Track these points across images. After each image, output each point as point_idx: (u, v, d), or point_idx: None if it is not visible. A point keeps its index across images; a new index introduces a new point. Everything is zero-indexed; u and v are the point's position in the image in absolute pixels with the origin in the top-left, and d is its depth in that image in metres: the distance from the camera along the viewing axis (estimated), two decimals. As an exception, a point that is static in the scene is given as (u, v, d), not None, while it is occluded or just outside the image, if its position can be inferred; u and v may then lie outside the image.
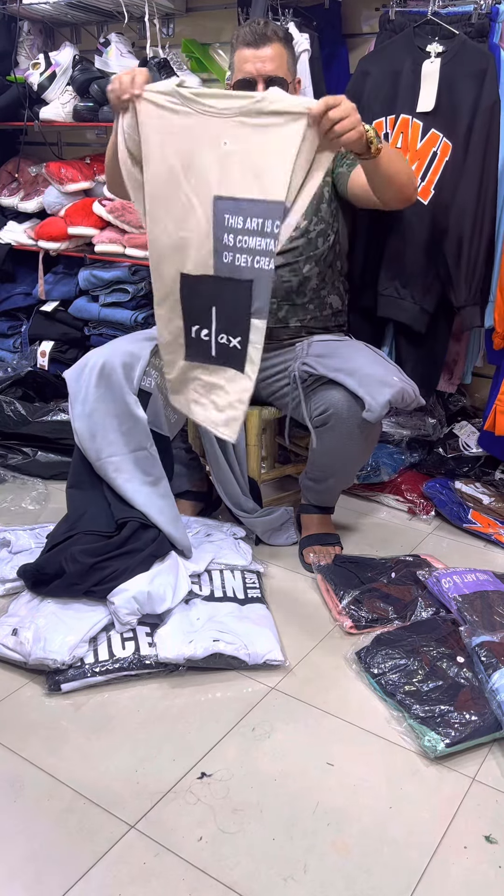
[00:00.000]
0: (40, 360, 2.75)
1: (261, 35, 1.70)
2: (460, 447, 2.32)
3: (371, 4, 2.25)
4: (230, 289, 1.53)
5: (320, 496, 1.94)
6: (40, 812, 1.21)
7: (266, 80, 1.70)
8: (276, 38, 1.71)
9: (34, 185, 2.83)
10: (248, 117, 1.41)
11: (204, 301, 1.57)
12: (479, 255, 1.97)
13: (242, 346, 1.56)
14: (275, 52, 1.71)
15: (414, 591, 1.72)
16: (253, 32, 1.71)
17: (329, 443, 1.75)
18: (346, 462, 1.81)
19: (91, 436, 1.72)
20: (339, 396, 1.69)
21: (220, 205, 1.47)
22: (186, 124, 1.46)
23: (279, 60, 1.72)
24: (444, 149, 1.96)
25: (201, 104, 1.44)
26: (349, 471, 1.88)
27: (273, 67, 1.71)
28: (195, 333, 1.61)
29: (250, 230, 1.47)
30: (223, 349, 1.59)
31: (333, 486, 1.90)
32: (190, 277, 1.56)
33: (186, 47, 2.50)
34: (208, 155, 1.46)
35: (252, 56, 1.71)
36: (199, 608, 1.63)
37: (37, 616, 1.55)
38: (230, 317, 1.56)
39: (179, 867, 1.12)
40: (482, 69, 1.86)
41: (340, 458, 1.78)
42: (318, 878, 1.11)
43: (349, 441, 1.73)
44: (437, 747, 1.30)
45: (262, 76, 1.70)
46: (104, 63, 2.52)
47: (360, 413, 1.66)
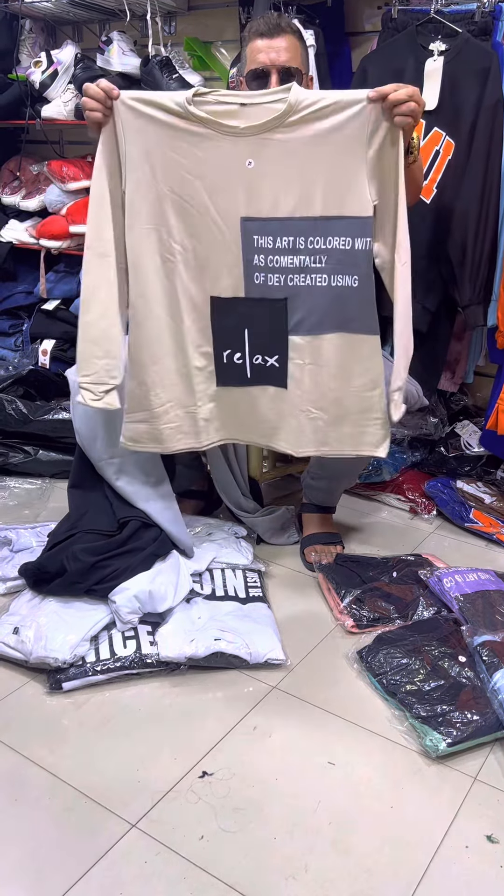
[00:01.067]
0: (42, 358, 2.75)
1: (275, 26, 1.68)
2: (462, 446, 2.32)
3: (374, 3, 2.25)
4: (262, 309, 1.53)
5: (322, 496, 1.94)
6: (41, 811, 1.21)
7: (280, 70, 1.67)
8: (289, 30, 1.70)
9: (36, 183, 2.83)
10: (275, 132, 1.41)
11: (236, 323, 1.56)
12: (484, 254, 1.97)
13: (281, 363, 1.57)
14: (289, 43, 1.69)
15: (415, 590, 1.72)
16: (267, 23, 1.69)
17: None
18: (350, 464, 1.81)
19: (92, 436, 1.72)
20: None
21: (247, 226, 1.47)
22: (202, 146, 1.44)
23: (293, 51, 1.69)
24: (446, 147, 1.96)
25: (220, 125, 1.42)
26: (352, 472, 1.88)
27: (287, 57, 1.68)
28: (227, 358, 1.60)
29: (281, 249, 1.48)
30: (259, 369, 1.59)
31: (336, 486, 1.90)
32: (219, 300, 1.55)
33: (188, 46, 2.50)
34: (232, 176, 1.45)
35: (266, 46, 1.68)
36: (200, 607, 1.63)
37: (38, 615, 1.55)
38: (264, 337, 1.56)
39: (180, 866, 1.12)
40: (485, 67, 1.86)
41: (344, 459, 1.78)
42: (319, 878, 1.11)
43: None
44: (438, 747, 1.30)
45: (275, 66, 1.67)
46: (106, 61, 2.51)
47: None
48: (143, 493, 1.73)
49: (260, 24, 1.70)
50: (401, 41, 1.98)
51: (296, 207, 1.46)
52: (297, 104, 1.40)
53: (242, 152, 1.43)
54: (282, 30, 1.68)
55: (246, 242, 1.49)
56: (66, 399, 2.46)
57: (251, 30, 1.73)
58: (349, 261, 1.48)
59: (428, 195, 2.01)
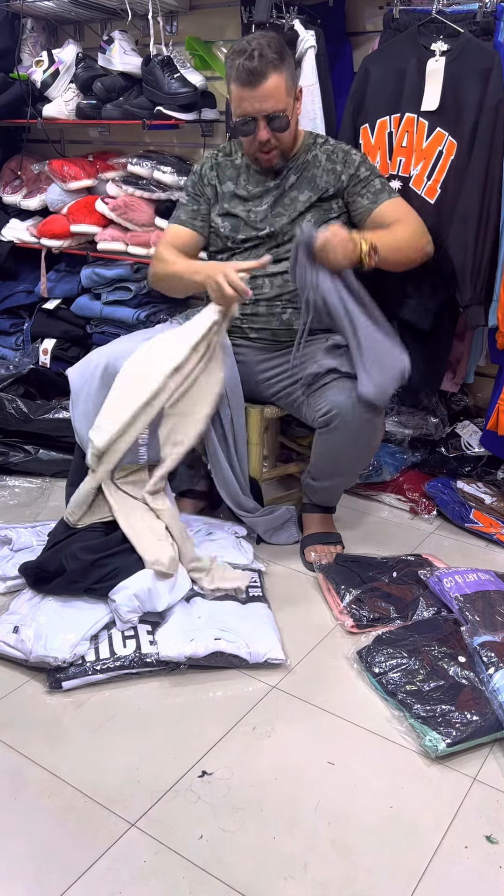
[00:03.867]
0: (42, 357, 2.75)
1: (255, 73, 1.65)
2: (462, 447, 2.31)
3: (375, 3, 2.24)
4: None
5: (322, 496, 1.94)
6: (41, 810, 1.21)
7: (266, 117, 1.71)
8: (271, 68, 1.66)
9: (37, 182, 2.83)
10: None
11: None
12: (485, 254, 1.97)
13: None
14: (271, 86, 1.68)
15: (415, 590, 1.72)
16: (247, 71, 1.66)
17: (333, 444, 1.75)
18: (350, 463, 1.81)
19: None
20: (342, 398, 1.68)
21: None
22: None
23: (277, 93, 1.69)
24: (449, 147, 1.96)
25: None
26: (352, 471, 1.88)
27: (272, 104, 1.70)
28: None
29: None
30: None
31: (336, 486, 1.90)
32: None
33: (190, 45, 2.49)
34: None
35: (249, 96, 1.69)
36: (200, 606, 1.63)
37: (38, 614, 1.55)
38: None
39: (180, 865, 1.12)
40: (487, 67, 1.86)
41: (344, 459, 1.78)
42: (319, 878, 1.11)
43: (353, 443, 1.72)
44: (437, 747, 1.30)
45: (261, 114, 1.71)
46: (107, 61, 2.51)
47: (363, 414, 1.66)
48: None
49: (240, 71, 1.66)
50: (402, 41, 1.98)
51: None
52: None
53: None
54: (262, 75, 1.66)
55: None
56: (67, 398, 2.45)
57: (232, 71, 1.69)
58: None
59: (432, 196, 2.01)
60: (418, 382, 2.22)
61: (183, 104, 2.35)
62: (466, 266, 1.97)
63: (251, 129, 1.74)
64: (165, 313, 2.56)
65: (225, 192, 1.90)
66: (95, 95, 2.51)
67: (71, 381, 1.77)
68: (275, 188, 1.86)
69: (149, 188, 2.49)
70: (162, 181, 2.46)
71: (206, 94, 2.44)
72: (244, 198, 1.88)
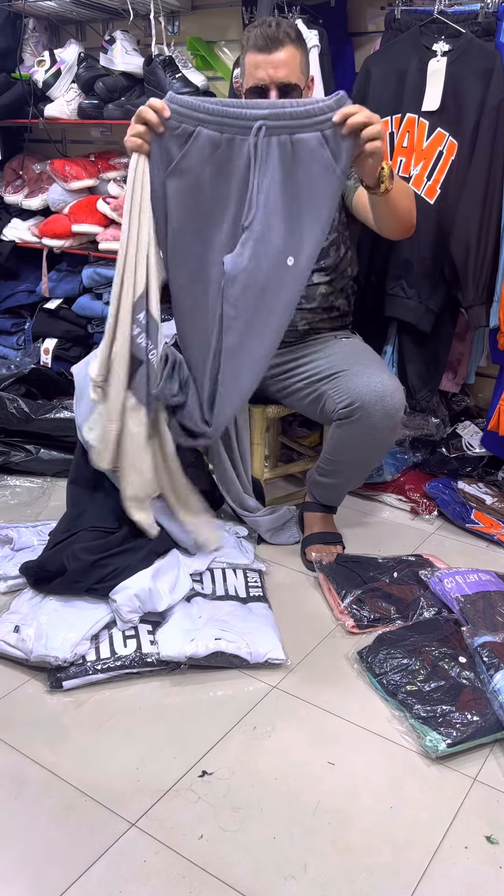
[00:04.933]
0: (44, 357, 2.75)
1: (272, 39, 1.64)
2: (463, 447, 2.32)
3: (377, 3, 2.25)
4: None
5: (327, 493, 1.93)
6: (41, 809, 1.21)
7: (279, 86, 1.67)
8: (288, 39, 1.65)
9: (38, 182, 2.83)
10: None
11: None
12: (487, 254, 1.97)
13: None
14: (287, 56, 1.65)
15: (416, 590, 1.72)
16: (264, 36, 1.64)
17: (352, 436, 1.73)
18: (366, 456, 1.79)
19: None
20: (366, 389, 1.67)
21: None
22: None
23: (292, 64, 1.66)
24: (449, 148, 1.96)
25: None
26: (364, 466, 1.85)
27: (286, 73, 1.66)
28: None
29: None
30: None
31: (343, 483, 1.89)
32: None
33: (192, 45, 2.50)
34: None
35: (264, 61, 1.65)
36: (200, 606, 1.63)
37: (39, 613, 1.55)
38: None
39: (180, 865, 1.12)
40: (489, 68, 1.86)
41: (361, 452, 1.76)
42: (319, 878, 1.11)
43: (371, 435, 1.71)
44: (438, 747, 1.30)
45: (274, 83, 1.67)
46: (109, 60, 2.51)
47: (388, 404, 1.66)
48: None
49: (257, 36, 1.66)
50: (404, 42, 1.98)
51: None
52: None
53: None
54: (279, 42, 1.64)
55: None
56: (68, 398, 2.46)
57: (248, 40, 1.68)
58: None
59: (432, 196, 2.01)
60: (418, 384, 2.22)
61: (184, 104, 2.35)
62: (469, 266, 1.97)
63: (262, 98, 1.66)
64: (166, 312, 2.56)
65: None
66: (97, 95, 2.52)
67: (75, 378, 1.78)
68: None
69: (150, 188, 2.49)
70: (163, 181, 2.46)
71: (207, 94, 2.44)
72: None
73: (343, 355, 1.80)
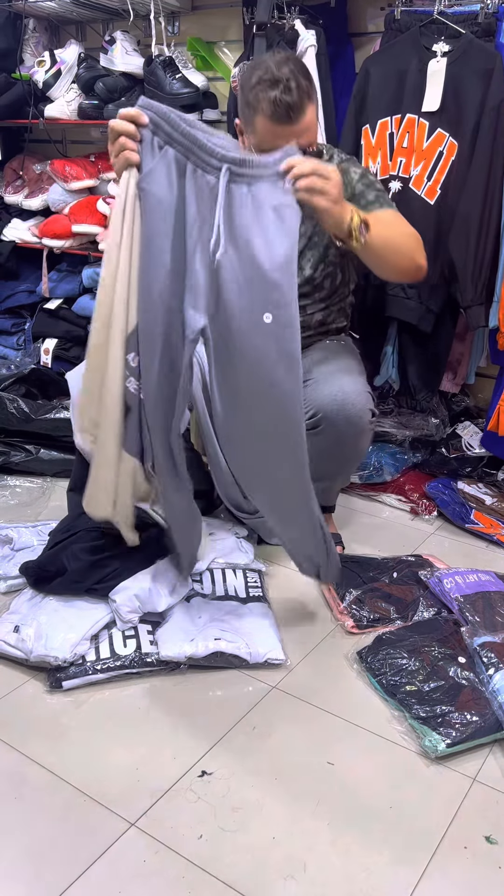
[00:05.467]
0: (44, 357, 2.75)
1: (293, 108, 1.48)
2: (463, 447, 2.32)
3: (377, 4, 2.25)
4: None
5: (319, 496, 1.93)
6: (41, 809, 1.21)
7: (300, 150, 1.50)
8: (306, 99, 1.49)
9: (38, 182, 2.83)
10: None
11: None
12: (487, 255, 1.97)
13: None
14: (308, 120, 1.52)
15: (416, 591, 1.72)
16: (285, 106, 1.47)
17: (320, 446, 1.74)
18: (341, 465, 1.80)
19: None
20: (326, 399, 1.66)
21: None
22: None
23: (311, 125, 1.54)
24: (450, 148, 1.96)
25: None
26: (345, 472, 1.86)
27: (307, 138, 1.54)
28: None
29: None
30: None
31: (329, 487, 1.89)
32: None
33: (192, 45, 2.50)
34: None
35: (284, 133, 1.50)
36: (200, 606, 1.63)
37: (38, 613, 1.55)
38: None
39: (179, 865, 1.12)
40: (489, 68, 1.86)
41: (334, 461, 1.77)
42: (318, 878, 1.11)
43: (341, 445, 1.71)
44: (437, 747, 1.30)
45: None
46: (109, 61, 2.52)
47: (350, 412, 1.65)
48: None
49: (276, 103, 1.46)
50: (404, 42, 1.98)
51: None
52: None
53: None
54: (300, 110, 1.48)
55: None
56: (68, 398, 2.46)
57: (261, 105, 1.48)
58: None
59: (432, 196, 2.01)
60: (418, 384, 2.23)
61: (185, 104, 2.35)
62: (468, 267, 1.97)
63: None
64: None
65: None
66: (97, 95, 2.52)
67: (70, 386, 1.76)
68: None
69: (150, 188, 2.49)
70: (163, 181, 2.46)
71: (207, 94, 2.44)
72: None
73: (315, 361, 1.77)
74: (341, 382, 1.68)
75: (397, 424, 2.37)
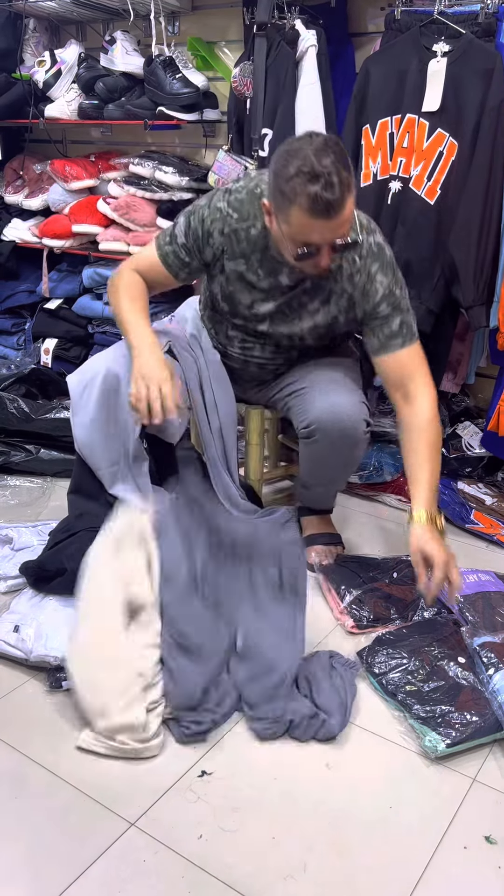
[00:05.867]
0: (44, 357, 2.75)
1: (334, 205, 1.37)
2: (463, 447, 2.32)
3: (377, 3, 2.25)
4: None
5: (315, 500, 1.94)
6: (41, 808, 1.21)
7: (333, 245, 1.46)
8: (347, 193, 1.39)
9: (39, 182, 2.84)
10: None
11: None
12: (487, 255, 1.96)
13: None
14: (347, 214, 1.42)
15: (416, 591, 1.72)
16: (325, 203, 1.36)
17: (316, 455, 1.74)
18: (336, 472, 1.80)
19: (91, 445, 1.71)
20: (322, 411, 1.65)
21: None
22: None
23: (349, 217, 1.44)
24: (450, 148, 1.96)
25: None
26: (339, 479, 1.86)
27: (343, 231, 1.45)
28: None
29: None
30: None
31: (326, 491, 1.90)
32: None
33: (192, 45, 2.50)
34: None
35: (322, 227, 1.41)
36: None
37: (38, 613, 1.55)
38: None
39: (179, 865, 1.12)
40: (489, 68, 1.86)
41: (329, 469, 1.77)
42: (318, 878, 1.11)
43: (335, 454, 1.71)
44: (437, 747, 1.30)
45: (330, 244, 1.46)
46: (109, 61, 2.52)
47: (345, 424, 1.64)
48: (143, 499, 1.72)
49: (315, 198, 1.35)
50: (404, 42, 1.98)
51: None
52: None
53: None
54: (341, 206, 1.38)
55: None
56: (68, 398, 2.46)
57: (302, 199, 1.36)
58: None
59: (432, 196, 2.01)
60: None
61: (185, 104, 2.36)
62: (469, 267, 1.97)
63: (313, 256, 1.47)
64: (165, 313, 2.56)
65: (231, 270, 1.66)
66: (97, 95, 2.52)
67: (70, 390, 1.76)
68: (288, 288, 1.65)
69: (150, 188, 2.50)
70: (164, 181, 2.47)
71: (207, 94, 2.44)
72: (251, 285, 1.66)
73: (312, 368, 1.77)
74: (338, 396, 1.67)
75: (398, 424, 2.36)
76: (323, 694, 1.40)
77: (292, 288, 1.65)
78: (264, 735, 1.35)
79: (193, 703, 1.36)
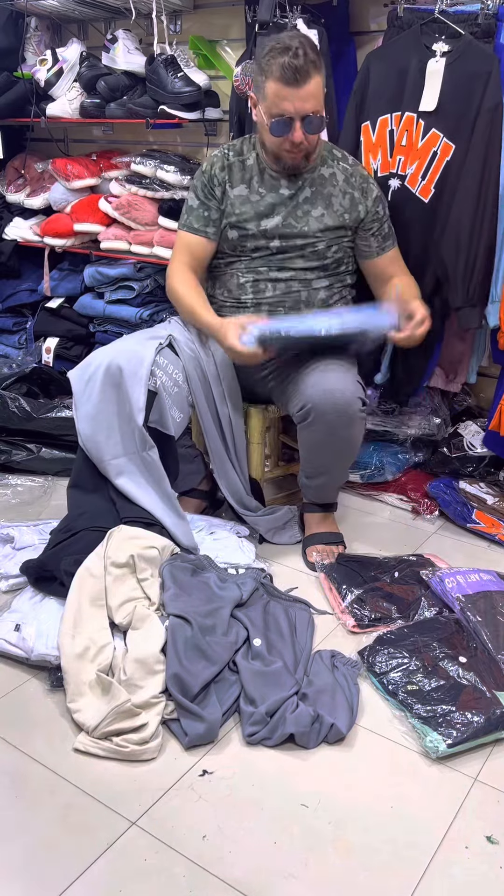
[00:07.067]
0: (45, 356, 2.75)
1: (300, 71, 1.62)
2: (465, 447, 2.31)
3: (378, 2, 2.24)
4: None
5: (318, 493, 1.94)
6: (42, 808, 1.21)
7: (303, 118, 1.67)
8: (313, 69, 1.63)
9: (40, 181, 2.83)
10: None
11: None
12: (478, 257, 1.95)
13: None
14: (314, 86, 1.65)
15: (417, 590, 1.72)
16: (292, 69, 1.61)
17: (313, 438, 1.75)
18: (336, 456, 1.81)
19: (94, 437, 1.72)
20: (315, 390, 1.69)
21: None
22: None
23: (317, 94, 1.66)
24: (444, 149, 1.95)
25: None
26: (341, 465, 1.86)
27: (312, 105, 1.66)
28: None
29: None
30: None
31: (328, 482, 1.90)
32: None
33: (194, 44, 2.49)
34: None
35: (290, 95, 1.64)
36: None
37: (39, 612, 1.55)
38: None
39: (180, 864, 1.12)
40: (486, 71, 1.85)
41: (329, 452, 1.78)
42: (319, 877, 1.11)
43: (333, 435, 1.73)
44: (438, 747, 1.30)
45: (299, 115, 1.67)
46: (111, 59, 2.51)
47: (338, 400, 1.67)
48: (145, 492, 1.73)
49: (284, 67, 1.61)
50: (405, 39, 1.97)
51: None
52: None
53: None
54: (307, 74, 1.62)
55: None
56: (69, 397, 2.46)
57: (273, 68, 1.63)
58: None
59: (426, 195, 2.00)
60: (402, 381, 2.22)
61: (186, 103, 2.35)
62: (458, 269, 1.96)
63: (286, 129, 1.68)
64: (168, 312, 2.56)
65: (235, 196, 1.84)
66: (99, 94, 2.51)
67: (73, 384, 1.77)
68: (289, 199, 1.82)
69: (152, 187, 2.49)
70: (165, 180, 2.46)
71: (209, 93, 2.43)
72: (255, 204, 1.82)
73: (308, 359, 1.80)
74: (330, 374, 1.70)
75: (399, 423, 2.36)
76: (326, 694, 1.40)
77: (292, 197, 1.82)
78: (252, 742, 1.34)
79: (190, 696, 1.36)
